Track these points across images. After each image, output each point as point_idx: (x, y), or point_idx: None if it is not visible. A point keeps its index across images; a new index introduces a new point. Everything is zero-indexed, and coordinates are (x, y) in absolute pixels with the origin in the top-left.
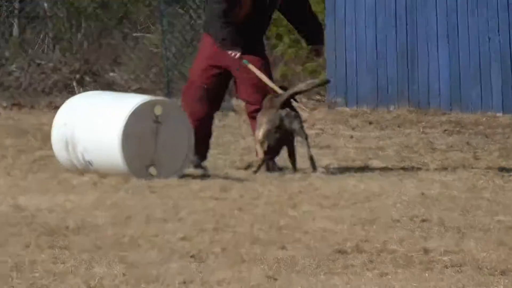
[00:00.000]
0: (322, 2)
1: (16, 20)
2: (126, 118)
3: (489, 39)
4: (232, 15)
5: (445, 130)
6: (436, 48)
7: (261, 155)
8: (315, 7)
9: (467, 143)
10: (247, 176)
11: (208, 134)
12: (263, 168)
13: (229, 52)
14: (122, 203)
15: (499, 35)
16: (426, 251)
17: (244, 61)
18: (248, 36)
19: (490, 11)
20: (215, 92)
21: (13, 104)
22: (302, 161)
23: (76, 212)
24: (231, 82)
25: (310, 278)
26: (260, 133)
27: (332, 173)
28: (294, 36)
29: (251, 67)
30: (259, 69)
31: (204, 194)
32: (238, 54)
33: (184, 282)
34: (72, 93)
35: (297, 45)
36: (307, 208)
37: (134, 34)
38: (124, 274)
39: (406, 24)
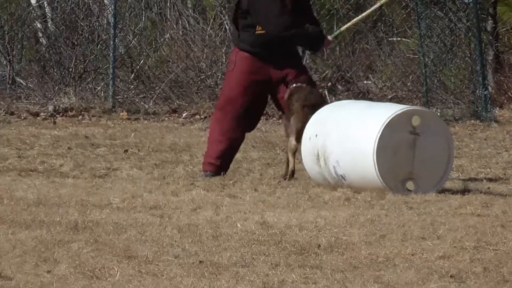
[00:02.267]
0: None
1: None
2: (381, 129)
3: None
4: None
5: None
6: None
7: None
8: None
9: None
10: (511, 192)
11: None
12: None
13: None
14: (377, 219)
15: None
16: None
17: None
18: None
19: None
20: (255, 111)
21: None
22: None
23: (328, 229)
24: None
25: None
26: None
27: None
28: None
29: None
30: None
31: (464, 210)
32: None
33: None
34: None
35: None
36: None
37: (390, 39)
38: None
39: None
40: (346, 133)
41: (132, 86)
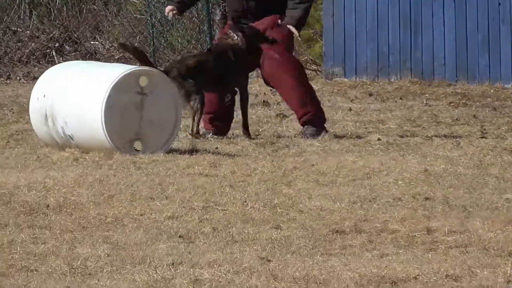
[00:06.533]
0: None
1: None
2: (109, 90)
3: (499, 3)
4: None
5: (451, 103)
6: (442, 12)
7: None
8: None
9: (474, 116)
10: (239, 151)
11: None
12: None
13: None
14: (106, 180)
15: None
16: (429, 231)
17: None
18: None
19: None
20: None
21: None
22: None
23: (57, 190)
24: None
25: (306, 259)
26: None
27: (330, 148)
28: None
29: None
30: None
31: (192, 170)
32: None
33: (173, 264)
34: (52, 62)
35: None
36: (302, 185)
37: None
38: (108, 255)
39: None
40: (74, 94)
41: None
